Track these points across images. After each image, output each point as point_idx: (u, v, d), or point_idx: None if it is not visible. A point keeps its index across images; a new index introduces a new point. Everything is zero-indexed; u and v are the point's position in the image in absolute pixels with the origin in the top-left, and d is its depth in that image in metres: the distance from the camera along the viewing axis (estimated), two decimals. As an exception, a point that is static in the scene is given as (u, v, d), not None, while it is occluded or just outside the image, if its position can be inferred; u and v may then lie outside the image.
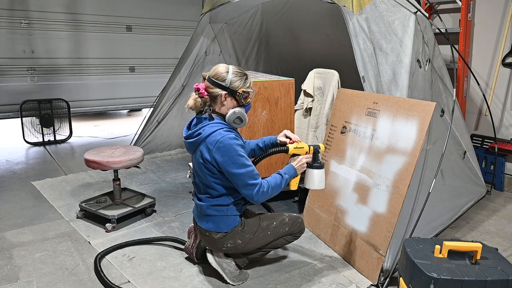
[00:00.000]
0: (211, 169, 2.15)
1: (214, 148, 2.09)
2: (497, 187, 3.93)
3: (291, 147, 2.28)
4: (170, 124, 4.97)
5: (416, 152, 2.34)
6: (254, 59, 5.34)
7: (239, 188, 2.13)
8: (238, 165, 2.08)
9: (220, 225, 2.24)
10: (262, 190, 2.11)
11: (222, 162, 2.09)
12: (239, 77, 2.17)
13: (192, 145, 2.21)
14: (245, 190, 2.11)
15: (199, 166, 2.20)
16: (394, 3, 2.86)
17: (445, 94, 3.18)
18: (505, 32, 3.76)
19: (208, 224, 2.26)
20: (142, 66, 7.01)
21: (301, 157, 2.28)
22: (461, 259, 1.84)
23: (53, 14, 6.02)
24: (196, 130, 2.17)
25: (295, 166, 2.25)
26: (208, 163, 2.14)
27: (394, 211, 2.36)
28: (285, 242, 2.46)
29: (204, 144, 2.13)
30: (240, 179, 2.09)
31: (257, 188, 2.10)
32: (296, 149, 2.28)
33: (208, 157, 2.12)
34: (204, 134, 2.13)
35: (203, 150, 2.14)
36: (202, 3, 7.10)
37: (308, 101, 3.68)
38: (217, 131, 2.11)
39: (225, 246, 2.29)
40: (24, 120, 5.69)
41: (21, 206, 3.52)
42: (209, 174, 2.18)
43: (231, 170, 2.08)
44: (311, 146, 2.30)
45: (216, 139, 2.09)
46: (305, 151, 2.30)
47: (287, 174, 2.22)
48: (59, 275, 2.47)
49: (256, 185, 2.10)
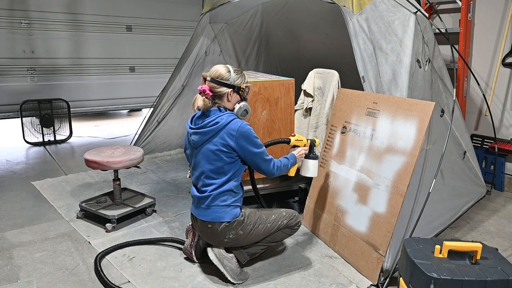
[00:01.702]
0: (231, 153, 2.30)
1: (237, 133, 2.26)
2: (497, 187, 3.93)
3: (292, 139, 2.67)
4: (170, 124, 4.97)
5: (415, 152, 2.34)
6: (254, 59, 5.34)
7: (259, 164, 2.35)
8: (258, 145, 2.33)
9: (223, 214, 2.31)
10: (277, 165, 2.41)
11: (245, 144, 2.28)
12: (239, 75, 2.37)
13: (207, 134, 2.30)
14: (264, 165, 2.36)
15: (214, 154, 2.29)
16: (394, 3, 2.86)
17: (445, 94, 3.18)
18: (505, 32, 3.76)
19: (211, 215, 2.32)
20: (142, 66, 7.01)
21: (300, 148, 2.64)
22: (461, 259, 1.84)
23: (53, 14, 6.02)
24: (212, 120, 2.29)
25: (296, 155, 2.59)
26: (229, 147, 2.28)
27: (393, 211, 2.36)
28: (284, 236, 2.53)
29: (225, 130, 2.27)
30: (259, 156, 2.34)
31: (272, 163, 2.39)
32: (296, 141, 2.67)
33: (231, 142, 2.27)
34: (224, 122, 2.27)
35: (224, 136, 2.27)
36: (202, 3, 7.10)
37: (308, 101, 3.67)
38: (235, 120, 2.31)
39: (227, 237, 2.33)
40: (24, 120, 5.69)
41: (21, 206, 3.52)
42: (224, 159, 2.30)
43: (253, 150, 2.30)
44: (308, 140, 2.70)
45: (237, 125, 2.28)
46: (303, 143, 2.69)
47: (291, 159, 2.54)
48: (59, 275, 2.47)
49: (271, 160, 2.40)
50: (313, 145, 2.66)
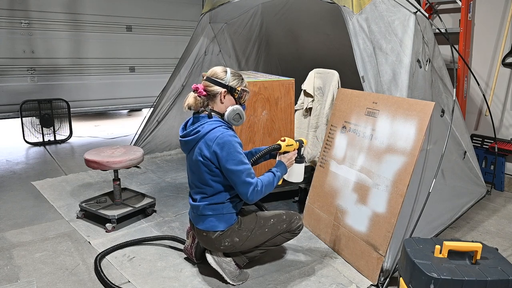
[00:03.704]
0: (209, 166, 2.17)
1: (214, 144, 2.11)
2: (497, 187, 3.93)
3: (283, 144, 2.41)
4: (170, 124, 4.97)
5: (415, 151, 2.34)
6: (254, 59, 5.34)
7: (236, 185, 2.15)
8: (236, 161, 2.11)
9: (216, 223, 2.26)
10: (256, 189, 2.15)
11: (221, 158, 2.11)
12: (236, 77, 2.26)
13: (189, 144, 2.22)
14: (241, 188, 2.14)
15: (196, 164, 2.21)
16: (394, 3, 2.86)
17: (445, 94, 3.18)
18: (505, 32, 3.76)
19: (204, 224, 2.28)
20: (142, 66, 7.01)
21: (291, 154, 2.42)
22: (461, 259, 1.84)
23: (53, 14, 6.02)
24: (195, 128, 2.20)
25: (285, 162, 2.38)
26: (206, 160, 2.16)
27: (393, 211, 2.36)
28: (284, 240, 2.47)
29: (203, 141, 2.15)
30: (238, 176, 2.12)
31: (252, 187, 2.14)
32: (287, 146, 2.42)
33: (207, 154, 2.14)
34: (203, 131, 2.15)
35: (202, 147, 2.16)
36: (202, 3, 7.10)
37: (308, 101, 3.68)
38: (217, 128, 2.15)
39: (223, 245, 2.29)
40: (24, 120, 5.69)
41: (21, 206, 3.52)
42: (206, 171, 2.19)
43: (230, 166, 2.11)
44: (297, 142, 2.46)
45: (215, 135, 2.12)
46: (293, 148, 2.45)
47: (278, 171, 2.31)
48: (59, 275, 2.47)
49: (252, 184, 2.14)
50: (301, 146, 2.48)
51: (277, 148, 2.39)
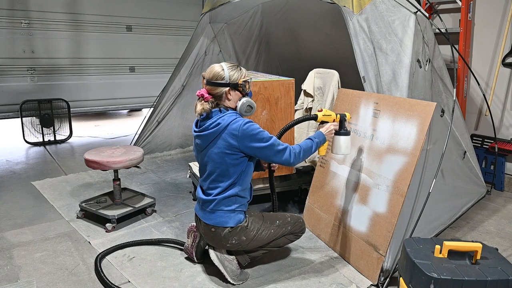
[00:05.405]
0: (236, 154, 2.23)
1: (239, 132, 2.19)
2: (497, 187, 3.93)
3: (319, 114, 2.42)
4: (170, 124, 4.97)
5: (416, 152, 2.34)
6: (254, 59, 5.34)
7: (273, 157, 2.23)
8: (264, 139, 2.21)
9: (227, 219, 2.29)
10: (294, 152, 2.25)
11: (250, 143, 2.20)
12: (234, 70, 2.28)
13: (209, 137, 2.26)
14: (279, 157, 2.23)
15: (219, 155, 2.25)
16: (394, 3, 2.86)
17: (445, 94, 3.18)
18: (505, 32, 3.76)
19: (215, 219, 2.30)
20: (142, 66, 7.01)
21: (329, 124, 2.43)
22: (461, 259, 1.84)
23: (53, 14, 6.02)
24: (214, 122, 2.24)
25: (324, 132, 2.41)
26: (233, 149, 2.22)
27: (394, 211, 2.36)
28: (287, 241, 2.50)
29: (227, 131, 2.21)
30: (270, 149, 2.21)
31: (288, 151, 2.24)
32: (324, 116, 2.43)
33: (234, 143, 2.20)
34: (224, 123, 2.21)
35: (226, 137, 2.21)
36: (202, 3, 7.10)
37: (308, 101, 3.68)
38: (236, 119, 2.23)
39: (230, 243, 2.31)
40: (24, 120, 5.69)
41: (21, 206, 3.52)
42: (231, 160, 2.24)
43: (260, 145, 2.20)
44: (338, 115, 2.44)
45: (238, 124, 2.20)
46: (332, 118, 2.44)
47: (317, 138, 2.37)
48: (59, 275, 2.47)
49: (286, 148, 2.24)
50: (344, 119, 2.43)
51: (313, 117, 2.44)
